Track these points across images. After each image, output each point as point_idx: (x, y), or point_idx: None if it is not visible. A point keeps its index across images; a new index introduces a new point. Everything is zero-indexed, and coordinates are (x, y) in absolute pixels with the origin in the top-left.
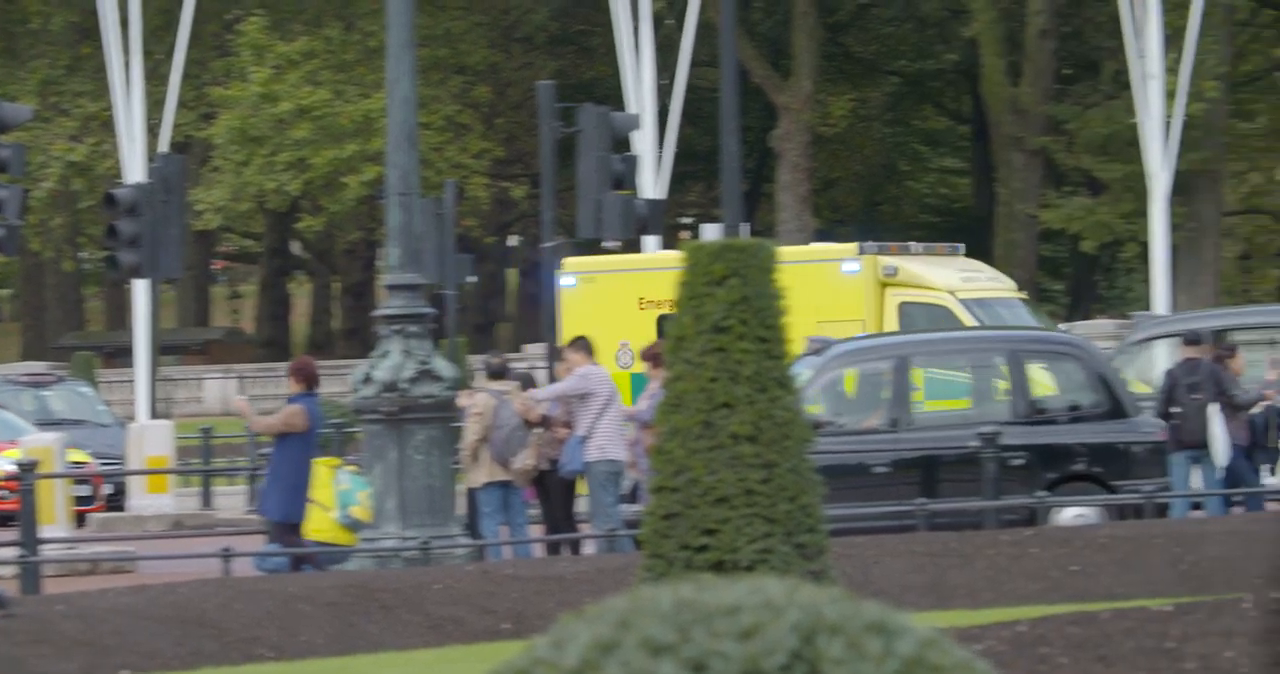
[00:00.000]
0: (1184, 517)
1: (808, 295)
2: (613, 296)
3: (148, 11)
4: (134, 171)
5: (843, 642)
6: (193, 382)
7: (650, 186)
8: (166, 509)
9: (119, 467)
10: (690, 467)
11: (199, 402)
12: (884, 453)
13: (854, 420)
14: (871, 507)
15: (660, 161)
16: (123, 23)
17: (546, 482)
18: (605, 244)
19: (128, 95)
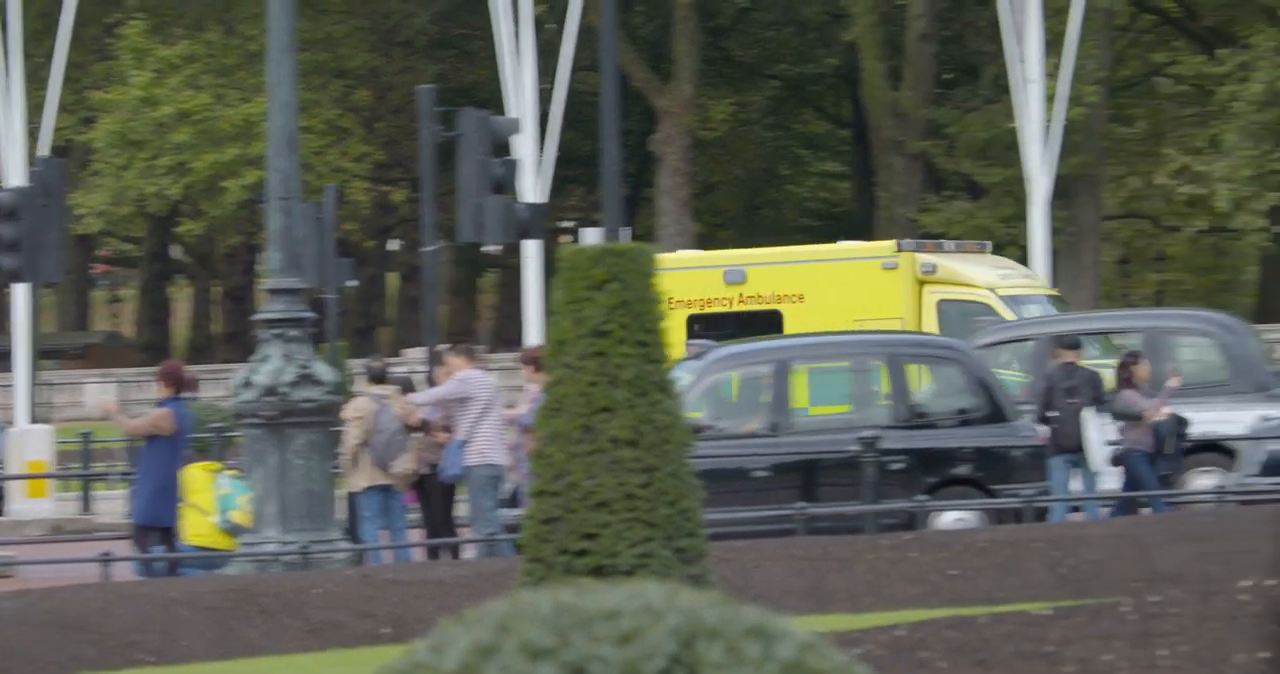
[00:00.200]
0: (1063, 521)
1: (845, 293)
2: None
3: (27, 15)
4: (13, 176)
5: (722, 646)
6: (72, 386)
7: (531, 191)
8: (46, 514)
9: None
10: (570, 471)
11: (78, 406)
12: (764, 457)
13: (734, 425)
14: (751, 511)
15: (541, 166)
16: (1, 25)
17: (426, 486)
18: (485, 250)
19: (7, 99)
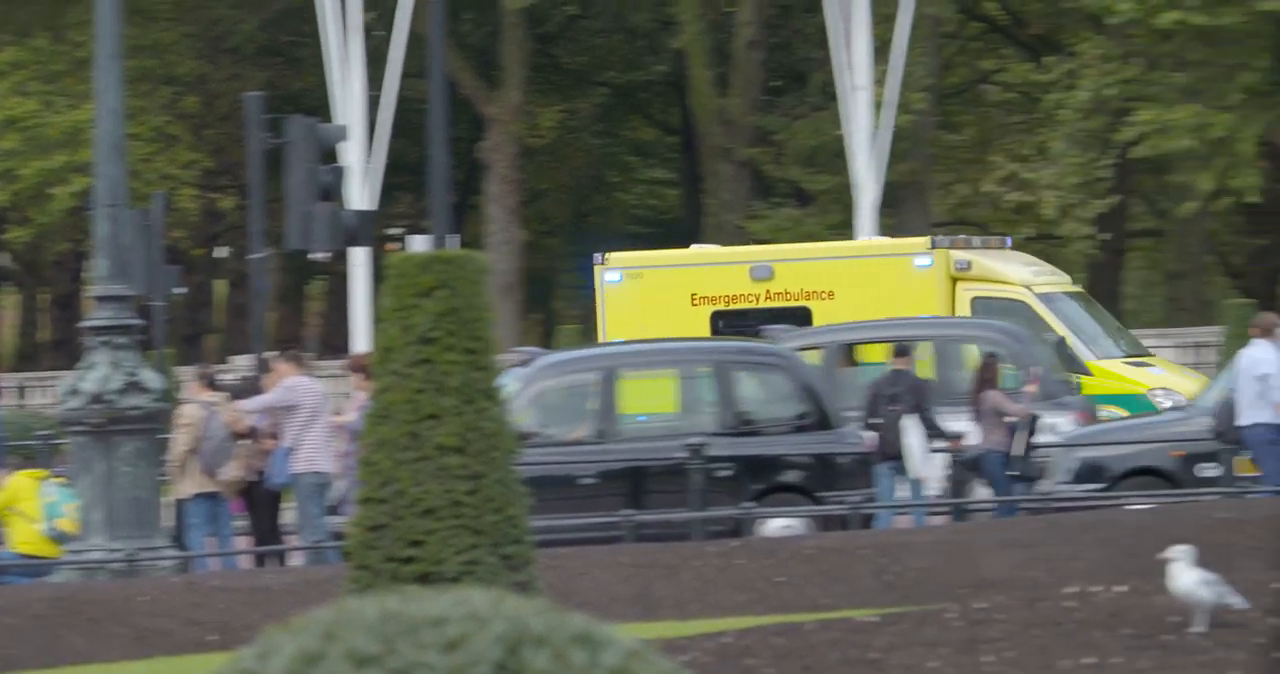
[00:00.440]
0: (888, 527)
1: (878, 291)
2: (662, 293)
3: None
4: None
5: (548, 653)
6: None
7: (359, 198)
8: None
9: None
10: (397, 478)
11: None
12: (590, 464)
13: (561, 431)
14: (578, 518)
15: (369, 173)
16: None
17: (253, 493)
18: (312, 257)
19: None
